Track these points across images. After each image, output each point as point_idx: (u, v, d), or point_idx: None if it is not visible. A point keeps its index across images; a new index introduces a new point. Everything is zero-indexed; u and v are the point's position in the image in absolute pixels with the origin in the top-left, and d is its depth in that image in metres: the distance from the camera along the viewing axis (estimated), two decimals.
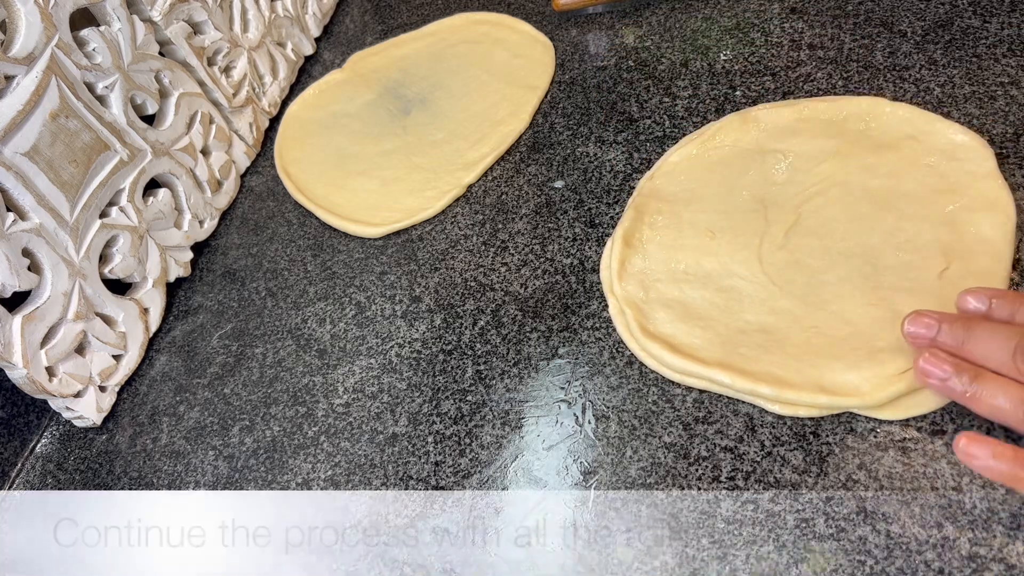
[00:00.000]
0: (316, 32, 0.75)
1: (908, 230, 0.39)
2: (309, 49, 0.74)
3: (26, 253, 0.46)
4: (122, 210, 0.53)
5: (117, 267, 0.52)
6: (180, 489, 0.46)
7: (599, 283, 0.45)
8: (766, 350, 0.37)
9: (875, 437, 0.34)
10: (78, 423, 0.51)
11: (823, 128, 0.45)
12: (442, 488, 0.40)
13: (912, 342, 0.32)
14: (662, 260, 0.43)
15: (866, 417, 0.34)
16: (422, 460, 0.41)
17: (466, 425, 0.42)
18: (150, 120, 0.56)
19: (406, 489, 0.40)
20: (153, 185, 0.56)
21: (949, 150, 0.41)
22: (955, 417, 0.33)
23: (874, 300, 0.37)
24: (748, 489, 0.34)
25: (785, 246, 0.41)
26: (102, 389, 0.52)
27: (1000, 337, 0.29)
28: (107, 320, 0.52)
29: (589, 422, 0.39)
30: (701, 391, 0.38)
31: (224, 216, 0.63)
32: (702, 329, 0.39)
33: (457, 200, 0.54)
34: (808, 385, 0.35)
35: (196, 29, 0.60)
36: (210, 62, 0.61)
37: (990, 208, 0.38)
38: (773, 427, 0.36)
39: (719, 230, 0.43)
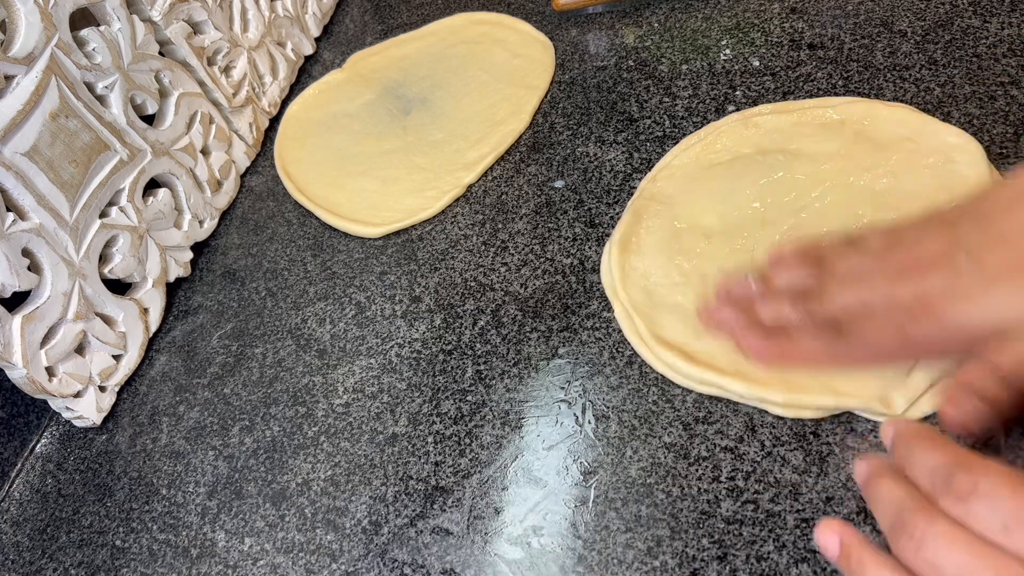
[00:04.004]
0: (316, 32, 0.75)
1: None
2: (309, 49, 0.74)
3: (26, 253, 0.46)
4: (122, 210, 0.53)
5: (117, 267, 0.52)
6: (180, 489, 0.46)
7: (599, 283, 0.45)
8: None
9: (875, 437, 0.34)
10: (78, 423, 0.51)
11: (822, 130, 0.45)
12: (442, 488, 0.40)
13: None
14: (662, 263, 0.43)
15: (866, 417, 0.34)
16: (422, 460, 0.41)
17: (466, 425, 0.42)
18: (150, 120, 0.56)
19: (406, 489, 0.40)
20: (153, 185, 0.56)
21: (945, 151, 0.41)
22: None
23: None
24: (748, 489, 0.34)
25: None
26: (102, 389, 0.52)
27: (881, 507, 0.27)
28: (107, 320, 0.52)
29: (589, 422, 0.39)
30: (701, 392, 0.38)
31: (224, 216, 0.63)
32: (708, 334, 0.39)
33: (457, 200, 0.54)
34: (815, 388, 0.35)
35: (196, 29, 0.60)
36: (210, 62, 0.61)
37: None
38: (773, 427, 0.36)
39: (718, 232, 0.43)
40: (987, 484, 0.23)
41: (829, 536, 0.27)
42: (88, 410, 0.51)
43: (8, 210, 0.45)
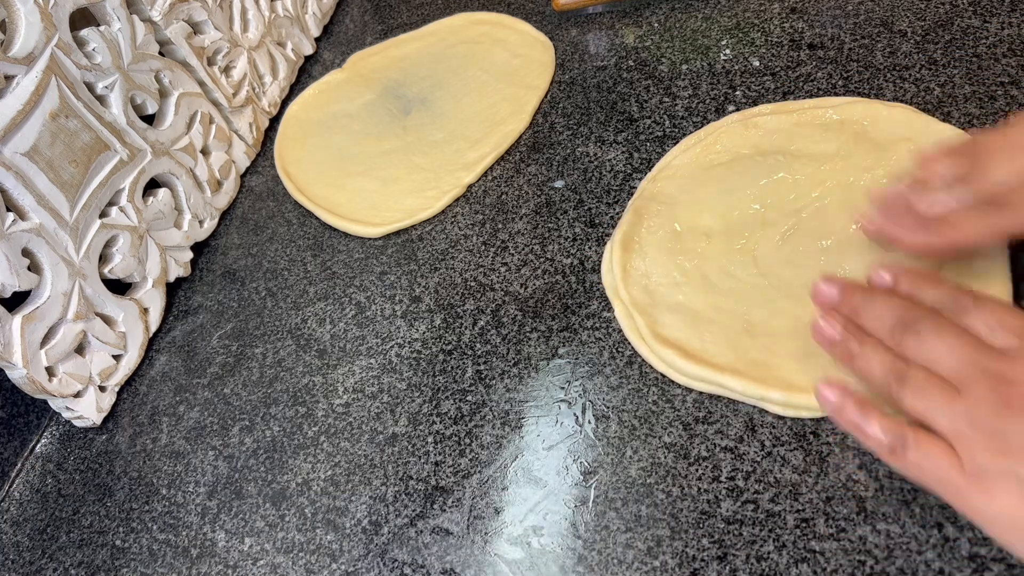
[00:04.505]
0: (316, 32, 0.75)
1: None
2: (309, 49, 0.74)
3: (26, 253, 0.46)
4: (122, 210, 0.53)
5: (117, 267, 0.52)
6: (180, 489, 0.46)
7: (599, 283, 0.45)
8: (772, 352, 0.37)
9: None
10: (78, 423, 0.51)
11: (822, 130, 0.45)
12: (442, 488, 0.40)
13: (816, 303, 0.35)
14: (663, 263, 0.43)
15: None
16: (422, 460, 0.41)
17: (466, 425, 0.42)
18: (150, 120, 0.56)
19: (406, 489, 0.40)
20: (153, 185, 0.56)
21: None
22: None
23: None
24: (748, 489, 0.34)
25: (782, 246, 0.41)
26: (102, 389, 0.52)
27: (887, 309, 0.32)
28: (107, 320, 0.52)
29: (589, 422, 0.39)
30: (701, 391, 0.38)
31: (224, 216, 0.63)
32: (710, 333, 0.39)
33: (457, 200, 0.54)
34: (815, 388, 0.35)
35: (196, 29, 0.60)
36: (210, 62, 0.61)
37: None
38: (773, 427, 0.36)
39: (719, 232, 0.43)
40: (980, 302, 0.30)
41: (830, 388, 0.31)
42: (88, 410, 0.51)
43: (8, 210, 0.45)
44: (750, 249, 0.42)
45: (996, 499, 0.26)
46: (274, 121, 0.69)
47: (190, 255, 0.59)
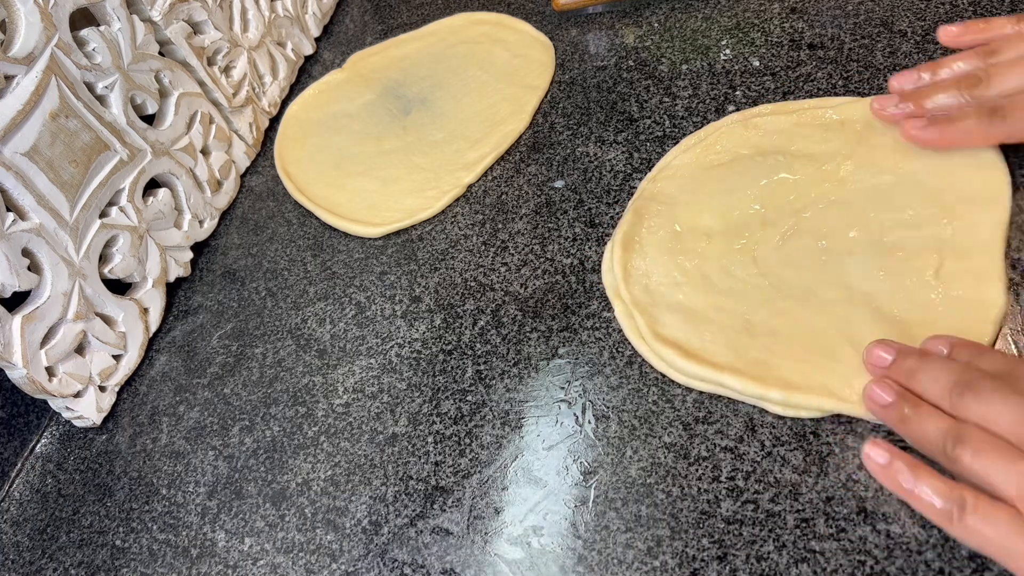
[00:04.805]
0: (316, 32, 0.75)
1: (906, 229, 0.39)
2: (309, 49, 0.74)
3: (26, 253, 0.46)
4: (122, 210, 0.53)
5: (117, 267, 0.52)
6: (180, 489, 0.46)
7: (599, 283, 0.45)
8: (772, 352, 0.37)
9: (875, 437, 0.34)
10: (78, 423, 0.51)
11: (822, 130, 0.45)
12: (442, 488, 0.40)
13: (870, 369, 0.34)
14: (663, 263, 0.43)
15: (866, 419, 0.34)
16: (422, 460, 0.41)
17: (466, 425, 0.42)
18: (150, 120, 0.56)
19: (406, 489, 0.40)
20: (153, 185, 0.56)
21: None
22: None
23: (871, 300, 0.37)
24: (748, 489, 0.34)
25: (784, 247, 0.41)
26: (102, 389, 0.52)
27: (945, 371, 0.31)
28: (107, 320, 0.52)
29: (589, 422, 0.39)
30: (701, 391, 0.38)
31: (224, 216, 0.63)
32: (710, 332, 0.39)
33: (457, 200, 0.54)
34: (815, 388, 0.35)
35: (196, 29, 0.60)
36: (210, 62, 0.61)
37: (987, 204, 0.38)
38: (773, 427, 0.36)
39: (719, 232, 0.43)
40: None
41: (877, 450, 0.30)
42: (88, 410, 0.51)
43: (8, 210, 0.45)
44: (750, 249, 0.42)
45: None
46: (274, 121, 0.69)
47: (190, 255, 0.59)
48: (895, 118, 0.42)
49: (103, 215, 0.51)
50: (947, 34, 0.42)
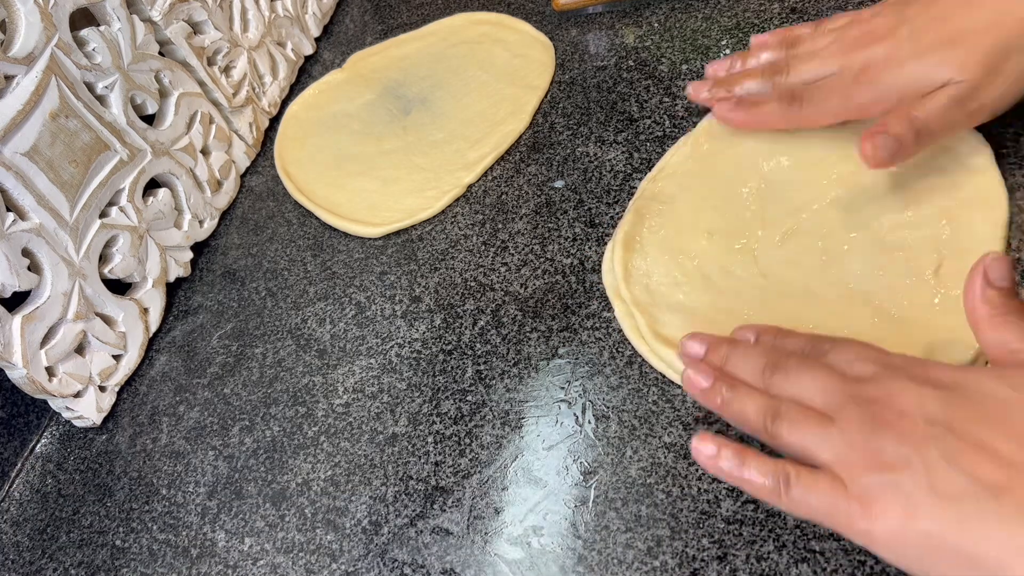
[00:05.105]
0: (316, 32, 0.75)
1: (905, 229, 0.39)
2: (309, 49, 0.74)
3: (26, 253, 0.46)
4: (122, 210, 0.53)
5: (117, 267, 0.52)
6: (180, 489, 0.46)
7: (599, 283, 0.45)
8: None
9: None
10: (78, 423, 0.51)
11: (822, 130, 0.45)
12: (442, 488, 0.40)
13: (685, 362, 0.36)
14: (664, 263, 0.43)
15: None
16: (422, 460, 0.41)
17: (466, 425, 0.42)
18: (150, 120, 0.56)
19: (406, 489, 0.40)
20: (153, 185, 0.56)
21: (945, 145, 0.41)
22: None
23: (871, 300, 0.37)
24: None
25: (783, 246, 0.41)
26: (102, 389, 0.52)
27: (754, 355, 0.33)
28: (107, 320, 0.52)
29: (589, 422, 0.39)
30: None
31: (224, 216, 0.63)
32: (710, 332, 0.39)
33: (457, 200, 0.54)
34: None
35: (196, 29, 0.60)
36: (210, 62, 0.61)
37: (985, 205, 0.38)
38: None
39: (718, 232, 0.43)
40: (837, 342, 0.32)
41: (704, 443, 0.31)
42: (88, 410, 0.51)
43: (8, 210, 0.45)
44: (751, 249, 0.42)
45: (882, 515, 0.26)
46: (274, 121, 0.69)
47: (190, 255, 0.59)
48: (707, 102, 0.47)
49: (103, 215, 0.51)
50: (758, 40, 0.47)
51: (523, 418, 0.41)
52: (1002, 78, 0.35)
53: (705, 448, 0.31)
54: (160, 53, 0.56)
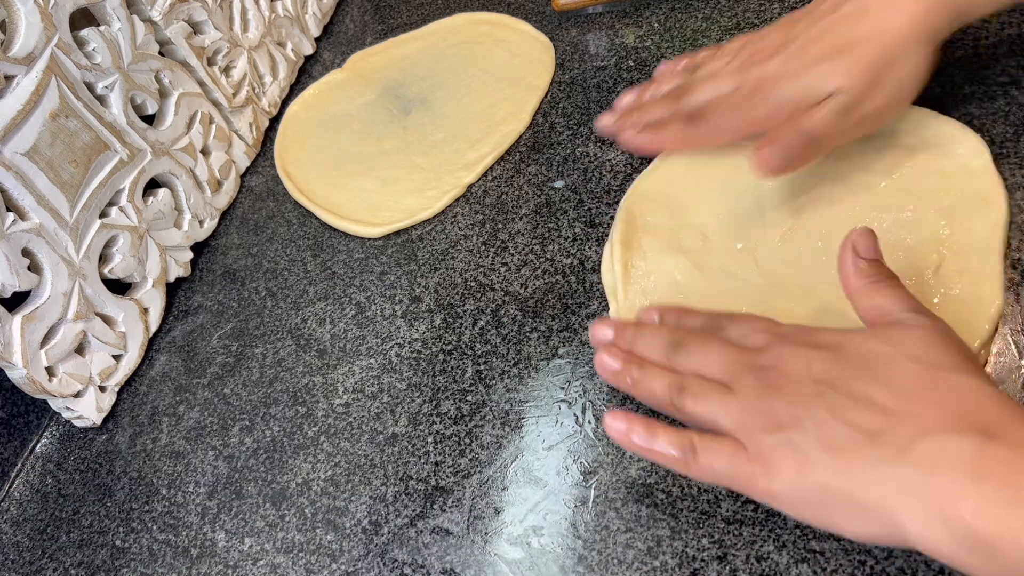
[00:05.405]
0: (316, 32, 0.75)
1: (905, 227, 0.39)
2: (309, 49, 0.74)
3: (26, 253, 0.46)
4: (122, 210, 0.53)
5: (117, 267, 0.52)
6: (180, 489, 0.46)
7: (599, 283, 0.45)
8: None
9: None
10: (78, 423, 0.51)
11: None
12: (442, 488, 0.40)
13: (594, 343, 0.37)
14: (663, 263, 0.43)
15: None
16: (422, 460, 0.41)
17: (466, 425, 0.42)
18: (150, 120, 0.56)
19: (406, 489, 0.40)
20: (153, 185, 0.56)
21: (945, 145, 0.41)
22: None
23: None
24: None
25: (782, 246, 0.41)
26: (102, 389, 0.52)
27: (658, 336, 0.35)
28: (107, 320, 0.52)
29: (589, 422, 0.39)
30: None
31: (224, 216, 0.63)
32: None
33: (457, 200, 0.54)
34: None
35: (196, 29, 0.60)
36: (210, 62, 0.61)
37: (984, 205, 0.38)
38: None
39: (716, 231, 0.43)
40: (733, 317, 0.34)
41: (616, 420, 0.33)
42: (88, 410, 0.51)
43: (8, 210, 0.45)
44: (751, 249, 0.42)
45: (780, 472, 0.27)
46: (274, 121, 0.69)
47: (190, 255, 0.59)
48: (610, 132, 0.48)
49: (103, 215, 0.51)
50: (662, 69, 0.49)
51: (523, 418, 0.41)
52: (886, 86, 0.36)
53: (617, 424, 0.32)
54: (160, 53, 0.56)
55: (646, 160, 0.50)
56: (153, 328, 0.56)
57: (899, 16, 0.36)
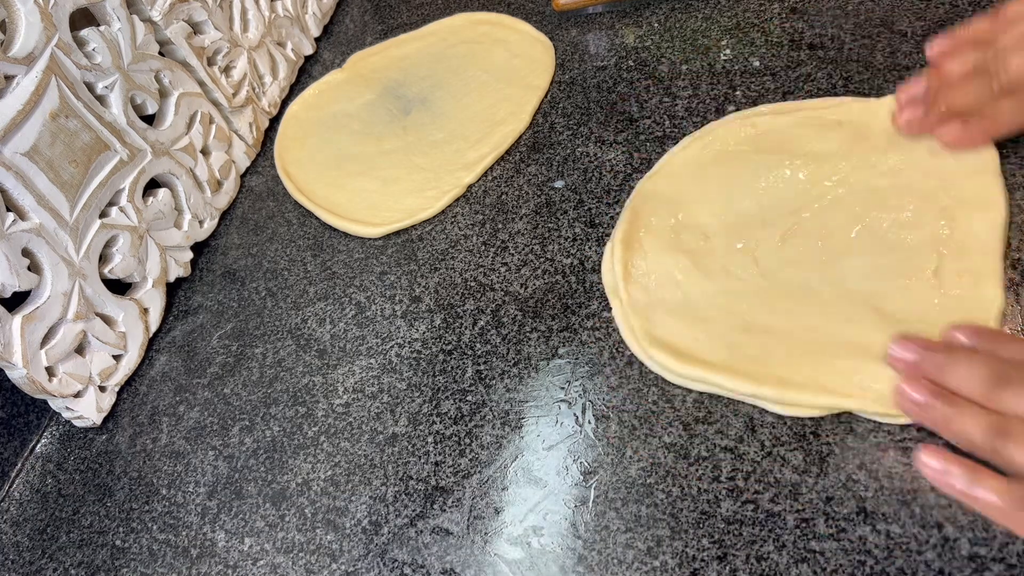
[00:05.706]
0: (316, 32, 0.75)
1: (905, 228, 0.39)
2: (309, 49, 0.74)
3: (26, 253, 0.46)
4: (122, 210, 0.53)
5: (117, 267, 0.52)
6: (180, 489, 0.46)
7: (599, 283, 0.45)
8: (768, 351, 0.37)
9: (875, 437, 0.34)
10: (78, 423, 0.51)
11: (822, 130, 0.45)
12: (442, 488, 0.40)
13: (895, 365, 0.33)
14: (663, 263, 0.43)
15: (866, 417, 0.34)
16: (422, 460, 0.41)
17: (466, 425, 0.42)
18: (150, 120, 0.56)
19: (406, 489, 0.40)
20: (153, 185, 0.56)
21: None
22: None
23: (871, 299, 0.37)
24: (748, 489, 0.34)
25: (783, 247, 0.41)
26: (102, 389, 0.52)
27: (976, 365, 0.30)
28: (107, 320, 0.52)
29: (589, 422, 0.39)
30: (701, 391, 0.38)
31: (224, 216, 0.63)
32: (705, 333, 0.39)
33: (457, 200, 0.54)
34: (811, 386, 0.35)
35: (196, 29, 0.60)
36: (210, 62, 0.61)
37: (984, 205, 0.38)
38: (773, 427, 0.36)
39: (719, 232, 0.43)
40: None
41: (933, 458, 0.30)
42: (88, 410, 0.51)
43: (8, 210, 0.45)
44: (751, 249, 0.42)
45: None
46: (274, 121, 0.69)
47: (190, 255, 0.59)
48: (926, 128, 0.40)
49: (103, 215, 0.51)
50: (937, 48, 0.41)
51: (523, 418, 0.41)
52: None
53: (932, 462, 0.30)
54: (160, 53, 0.56)
55: (646, 161, 0.50)
56: (153, 328, 0.56)
57: None
